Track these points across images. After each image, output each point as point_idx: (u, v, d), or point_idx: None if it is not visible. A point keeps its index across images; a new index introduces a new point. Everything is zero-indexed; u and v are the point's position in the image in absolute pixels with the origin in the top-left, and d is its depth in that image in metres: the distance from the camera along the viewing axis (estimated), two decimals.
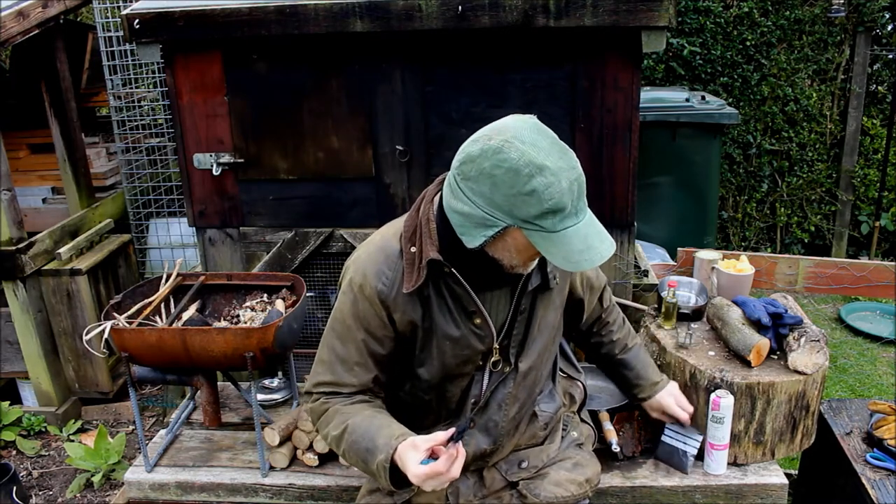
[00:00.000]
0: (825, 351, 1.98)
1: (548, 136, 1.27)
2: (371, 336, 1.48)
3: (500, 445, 1.62)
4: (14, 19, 2.99)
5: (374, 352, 1.49)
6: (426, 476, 1.30)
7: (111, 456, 2.98)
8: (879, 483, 1.92)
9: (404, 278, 1.42)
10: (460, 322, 1.46)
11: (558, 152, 1.25)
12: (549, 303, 1.57)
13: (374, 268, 1.45)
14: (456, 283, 1.42)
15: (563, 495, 1.62)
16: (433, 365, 1.50)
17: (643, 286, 2.55)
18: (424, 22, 2.20)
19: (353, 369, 1.50)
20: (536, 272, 1.48)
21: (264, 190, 2.56)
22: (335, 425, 1.48)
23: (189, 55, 2.41)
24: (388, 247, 1.46)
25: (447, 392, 1.56)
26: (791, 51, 4.78)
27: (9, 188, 3.12)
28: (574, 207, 1.25)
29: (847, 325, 4.14)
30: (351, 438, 1.44)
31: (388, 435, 1.39)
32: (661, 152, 4.00)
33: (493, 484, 1.65)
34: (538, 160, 1.22)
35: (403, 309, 1.44)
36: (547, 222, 1.24)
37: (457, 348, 1.48)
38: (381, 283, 1.44)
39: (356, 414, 1.47)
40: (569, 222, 1.25)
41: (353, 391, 1.51)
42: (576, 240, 1.25)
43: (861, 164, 4.90)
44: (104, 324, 2.01)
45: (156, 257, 3.84)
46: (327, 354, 1.53)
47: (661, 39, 2.19)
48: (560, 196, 1.22)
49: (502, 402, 1.57)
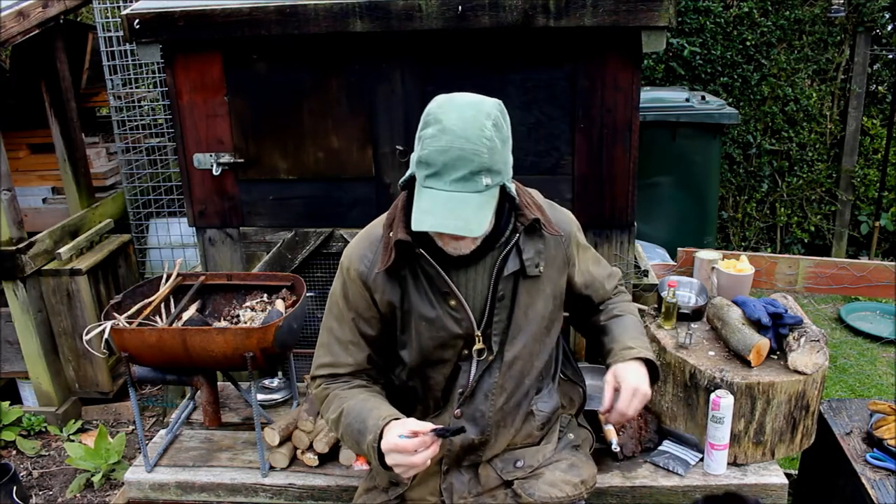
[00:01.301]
0: (825, 351, 1.98)
1: (476, 110, 1.32)
2: (360, 316, 1.56)
3: (489, 437, 1.61)
4: (14, 19, 2.99)
5: (364, 332, 1.57)
6: (394, 448, 1.36)
7: (111, 456, 2.98)
8: (879, 483, 1.92)
9: (380, 259, 1.50)
10: (435, 303, 1.51)
11: (465, 123, 1.30)
12: (537, 291, 1.57)
13: (359, 252, 1.55)
14: (428, 264, 1.47)
15: (557, 495, 1.62)
16: (413, 347, 1.55)
17: (643, 286, 2.55)
18: (424, 22, 2.20)
19: (348, 348, 1.58)
20: (514, 257, 1.51)
21: (264, 190, 2.56)
22: (333, 409, 1.55)
23: (189, 55, 2.41)
24: (373, 233, 1.56)
25: (430, 379, 1.59)
26: (791, 51, 4.78)
27: (9, 188, 3.12)
28: (446, 173, 1.29)
29: (847, 325, 4.14)
30: (346, 421, 1.50)
31: (377, 416, 1.45)
32: (661, 152, 4.00)
33: (488, 482, 1.65)
34: (440, 114, 1.31)
35: (383, 289, 1.52)
36: (420, 172, 1.32)
37: (433, 329, 1.52)
38: (363, 265, 1.53)
39: (352, 398, 1.54)
40: (432, 183, 1.31)
41: (351, 371, 1.59)
42: (427, 200, 1.31)
43: (861, 164, 4.90)
44: (104, 324, 2.02)
45: (156, 257, 3.84)
46: (325, 336, 1.62)
47: (661, 39, 2.19)
48: (433, 151, 1.29)
49: (489, 391, 1.58)
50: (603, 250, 2.45)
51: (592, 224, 2.42)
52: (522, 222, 1.51)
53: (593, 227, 2.43)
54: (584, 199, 2.39)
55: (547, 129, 2.36)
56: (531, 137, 2.37)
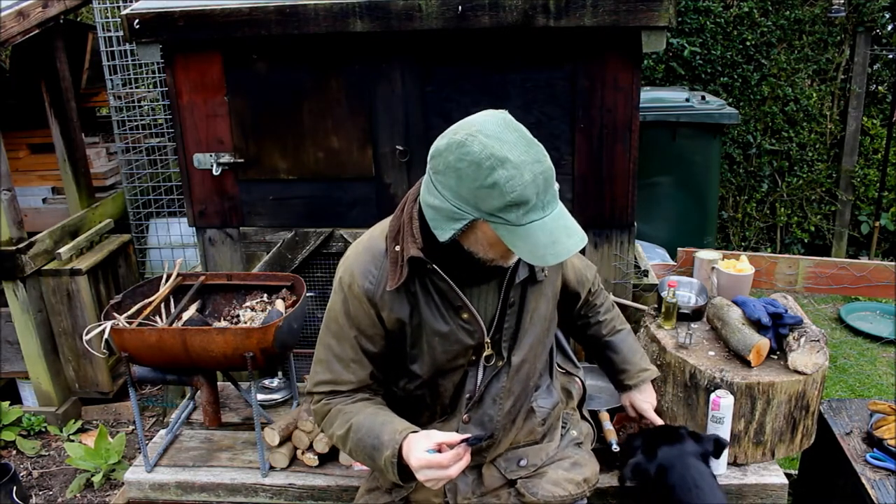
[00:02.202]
0: (825, 351, 1.98)
1: (514, 130, 1.28)
2: (363, 334, 1.51)
3: (496, 440, 1.62)
4: (14, 19, 2.99)
5: (367, 349, 1.52)
6: (427, 464, 1.33)
7: (111, 456, 2.98)
8: (879, 483, 1.92)
9: (389, 276, 1.44)
10: (448, 317, 1.48)
11: (523, 146, 1.26)
12: (541, 294, 1.58)
13: (362, 267, 1.48)
14: (440, 279, 1.43)
15: (560, 494, 1.62)
16: (424, 361, 1.52)
17: (643, 286, 2.55)
18: (424, 22, 2.20)
19: (349, 366, 1.53)
20: (524, 264, 1.50)
21: (264, 190, 2.56)
22: (339, 425, 1.51)
23: (189, 55, 2.41)
24: (375, 246, 1.50)
25: (440, 387, 1.57)
26: (791, 51, 4.78)
27: (9, 188, 3.12)
28: (540, 201, 1.25)
29: (847, 325, 4.14)
30: (356, 437, 1.47)
31: (392, 430, 1.42)
32: (661, 152, 4.00)
33: (492, 482, 1.65)
34: (500, 153, 1.23)
35: (391, 307, 1.47)
36: (511, 216, 1.24)
37: (446, 344, 1.50)
38: (368, 281, 1.47)
39: (359, 412, 1.50)
40: (534, 216, 1.25)
41: (352, 388, 1.54)
42: (541, 234, 1.25)
43: (861, 164, 4.90)
44: (104, 324, 2.02)
45: (156, 257, 3.84)
46: (324, 353, 1.56)
47: (661, 39, 2.19)
48: (523, 189, 1.22)
49: (496, 396, 1.58)
50: (603, 250, 2.45)
51: (592, 224, 2.42)
52: None
53: (593, 227, 2.43)
54: (584, 198, 2.39)
55: (547, 129, 2.36)
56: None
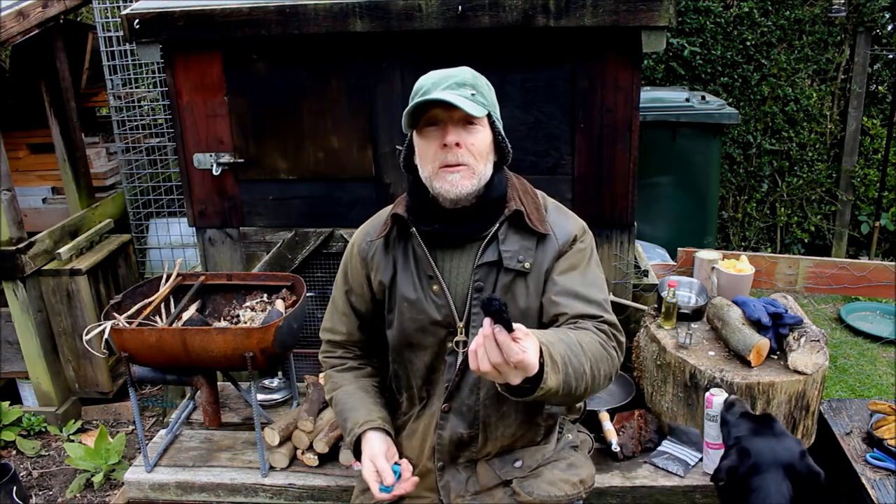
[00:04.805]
0: (825, 351, 1.98)
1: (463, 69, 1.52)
2: (353, 291, 1.68)
3: (479, 433, 1.61)
4: (14, 19, 2.99)
5: (355, 307, 1.69)
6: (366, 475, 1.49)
7: (111, 456, 2.98)
8: (879, 483, 1.92)
9: (378, 232, 1.62)
10: (418, 285, 1.57)
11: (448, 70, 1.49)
12: (521, 289, 1.55)
13: (364, 229, 1.69)
14: (418, 244, 1.55)
15: (556, 494, 1.62)
16: (395, 327, 1.62)
17: (643, 286, 2.55)
18: (424, 22, 2.20)
19: (342, 318, 1.71)
20: (494, 247, 1.53)
21: (264, 190, 2.56)
22: (328, 390, 1.72)
23: (189, 55, 2.41)
24: (381, 214, 1.69)
25: (411, 364, 1.63)
26: (791, 51, 4.78)
27: (9, 188, 3.12)
28: (434, 87, 1.44)
29: (847, 325, 4.14)
30: (336, 409, 1.68)
31: (354, 421, 1.58)
32: (661, 152, 3.99)
33: (486, 481, 1.64)
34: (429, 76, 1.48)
35: (377, 268, 1.62)
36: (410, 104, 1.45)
37: (413, 311, 1.58)
38: (366, 242, 1.65)
39: (341, 386, 1.69)
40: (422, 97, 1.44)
41: (344, 339, 1.72)
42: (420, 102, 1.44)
43: (861, 164, 4.90)
44: (104, 324, 2.02)
45: (156, 257, 3.84)
46: (330, 303, 1.75)
47: (661, 39, 2.19)
48: (422, 82, 1.46)
49: (473, 385, 1.58)
50: (603, 250, 2.45)
51: (592, 224, 2.38)
52: (506, 213, 1.54)
53: (593, 227, 2.41)
54: (584, 199, 2.39)
55: (547, 129, 2.36)
56: (531, 137, 2.37)
